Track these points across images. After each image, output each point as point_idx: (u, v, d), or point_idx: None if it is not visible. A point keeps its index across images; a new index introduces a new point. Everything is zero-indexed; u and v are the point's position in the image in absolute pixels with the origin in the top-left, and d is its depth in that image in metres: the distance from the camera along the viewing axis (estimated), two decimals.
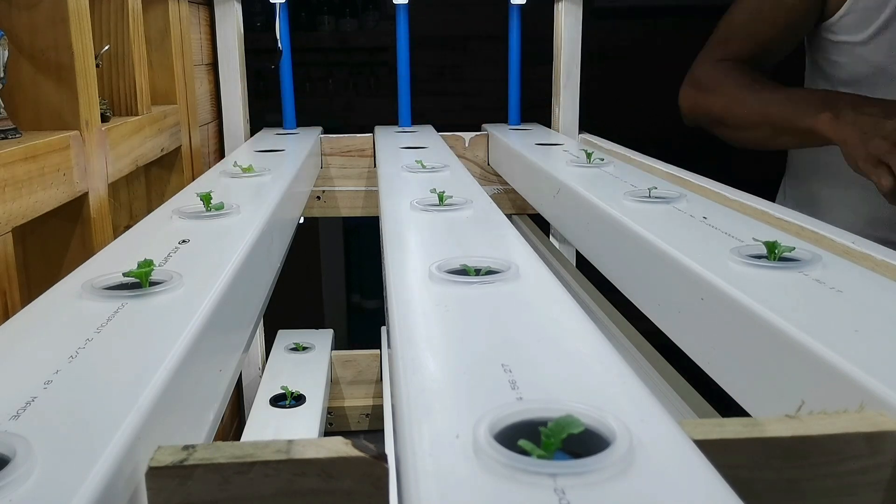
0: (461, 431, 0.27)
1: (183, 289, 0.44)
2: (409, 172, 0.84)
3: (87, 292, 0.43)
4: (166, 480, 0.26)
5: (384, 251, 0.55)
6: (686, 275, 0.49)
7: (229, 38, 1.18)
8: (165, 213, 0.62)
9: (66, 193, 0.65)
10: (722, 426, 0.30)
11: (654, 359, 0.74)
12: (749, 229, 0.57)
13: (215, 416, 0.41)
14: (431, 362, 0.34)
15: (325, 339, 1.31)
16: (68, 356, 0.35)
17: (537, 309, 0.41)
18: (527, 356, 0.35)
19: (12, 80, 0.65)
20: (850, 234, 0.55)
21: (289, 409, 1.08)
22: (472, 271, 0.46)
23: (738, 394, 0.43)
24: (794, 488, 0.29)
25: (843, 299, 0.43)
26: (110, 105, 0.84)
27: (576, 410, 0.28)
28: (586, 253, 0.71)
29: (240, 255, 0.51)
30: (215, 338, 0.42)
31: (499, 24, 1.49)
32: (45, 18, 0.65)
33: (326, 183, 1.22)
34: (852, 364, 0.34)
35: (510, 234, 0.57)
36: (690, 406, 0.65)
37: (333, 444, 0.27)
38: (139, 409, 0.30)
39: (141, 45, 0.88)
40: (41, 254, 0.68)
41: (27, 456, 0.26)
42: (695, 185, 0.76)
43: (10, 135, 0.62)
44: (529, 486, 0.24)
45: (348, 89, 2.85)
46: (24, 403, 0.30)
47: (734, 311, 0.43)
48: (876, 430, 0.29)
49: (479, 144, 1.26)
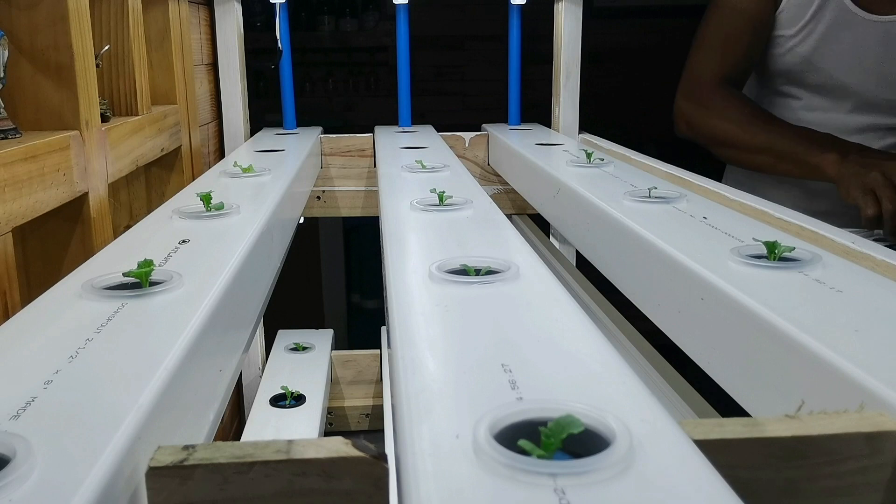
0: (461, 431, 0.27)
1: (183, 289, 0.44)
2: (409, 172, 0.84)
3: (87, 292, 0.43)
4: (166, 480, 0.26)
5: (384, 251, 0.55)
6: (686, 275, 0.49)
7: (229, 38, 1.18)
8: (165, 213, 0.62)
9: (66, 193, 0.65)
10: (722, 426, 0.30)
11: (654, 359, 0.74)
12: (749, 229, 0.57)
13: (215, 416, 0.41)
14: (431, 362, 0.34)
15: (325, 339, 1.31)
16: (68, 356, 0.35)
17: (537, 309, 0.41)
18: (527, 356, 0.35)
19: (12, 80, 0.65)
20: (850, 234, 0.55)
21: (289, 409, 1.08)
22: (472, 271, 0.46)
23: (738, 394, 0.43)
24: (793, 488, 0.30)
25: (843, 299, 0.43)
26: (110, 105, 0.84)
27: (576, 410, 0.28)
28: (586, 253, 0.71)
29: (240, 255, 0.51)
30: (215, 338, 0.42)
31: (499, 24, 1.49)
32: (45, 18, 0.65)
33: (326, 183, 1.22)
34: (852, 364, 0.34)
35: (510, 234, 0.57)
36: (690, 406, 0.65)
37: (333, 444, 0.27)
38: (139, 409, 0.30)
39: (141, 45, 0.88)
40: (41, 254, 0.68)
41: (27, 456, 0.26)
42: (695, 185, 0.76)
43: (10, 135, 0.62)
44: (529, 486, 0.24)
45: (348, 89, 2.85)
46: (24, 403, 0.30)
47: (734, 311, 0.43)
48: (876, 430, 0.29)
49: (479, 144, 1.26)
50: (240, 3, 1.21)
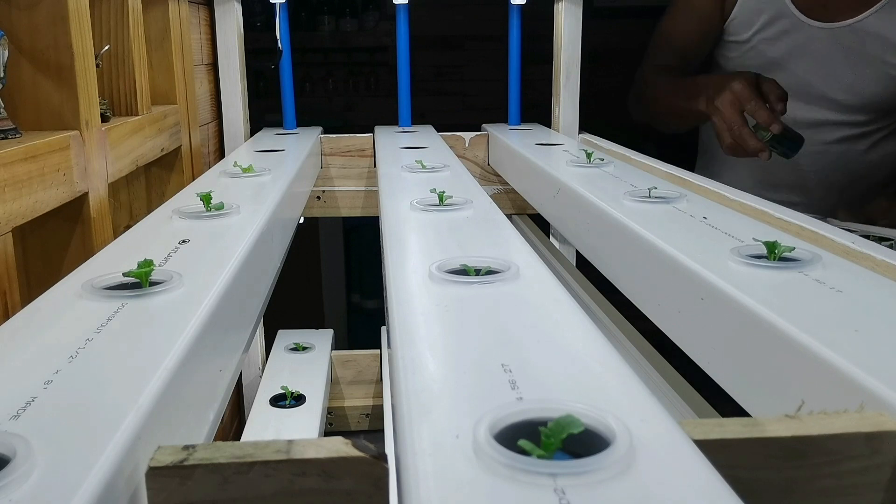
0: (461, 431, 0.27)
1: (183, 289, 0.44)
2: (409, 172, 0.84)
3: (87, 292, 0.43)
4: (166, 480, 0.26)
5: (384, 251, 0.55)
6: (686, 275, 0.49)
7: (229, 38, 1.18)
8: (165, 213, 0.62)
9: (66, 193, 0.65)
10: (722, 426, 0.30)
11: (654, 359, 0.74)
12: (749, 229, 0.57)
13: (215, 416, 0.41)
14: (431, 362, 0.34)
15: (325, 339, 1.31)
16: (68, 356, 0.35)
17: (537, 309, 0.41)
18: (527, 356, 0.35)
19: (12, 80, 0.65)
20: (850, 234, 0.55)
21: (289, 409, 1.08)
22: (472, 271, 0.46)
23: (738, 394, 0.43)
24: (793, 488, 0.30)
25: (843, 299, 0.43)
26: (110, 105, 0.84)
27: (576, 410, 0.28)
28: (586, 253, 0.71)
29: (240, 255, 0.51)
30: (215, 338, 0.42)
31: (499, 24, 1.49)
32: (45, 18, 0.65)
33: (326, 183, 1.22)
34: (852, 364, 0.34)
35: (510, 234, 0.57)
36: (690, 406, 0.65)
37: (333, 444, 0.27)
38: (139, 409, 0.30)
39: (141, 45, 0.88)
40: (41, 254, 0.68)
41: (27, 456, 0.26)
42: (695, 185, 0.76)
43: (10, 135, 0.62)
44: (529, 486, 0.24)
45: (348, 89, 2.85)
46: (24, 403, 0.30)
47: (734, 311, 0.43)
48: (876, 430, 0.29)
49: (479, 144, 1.26)
50: (240, 3, 1.21)
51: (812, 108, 1.15)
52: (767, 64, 1.15)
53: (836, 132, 1.16)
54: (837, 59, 1.11)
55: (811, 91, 1.14)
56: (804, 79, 1.14)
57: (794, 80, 1.12)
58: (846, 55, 1.11)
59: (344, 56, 2.82)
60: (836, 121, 1.15)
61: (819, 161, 1.16)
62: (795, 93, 1.11)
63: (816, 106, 1.15)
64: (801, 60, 1.13)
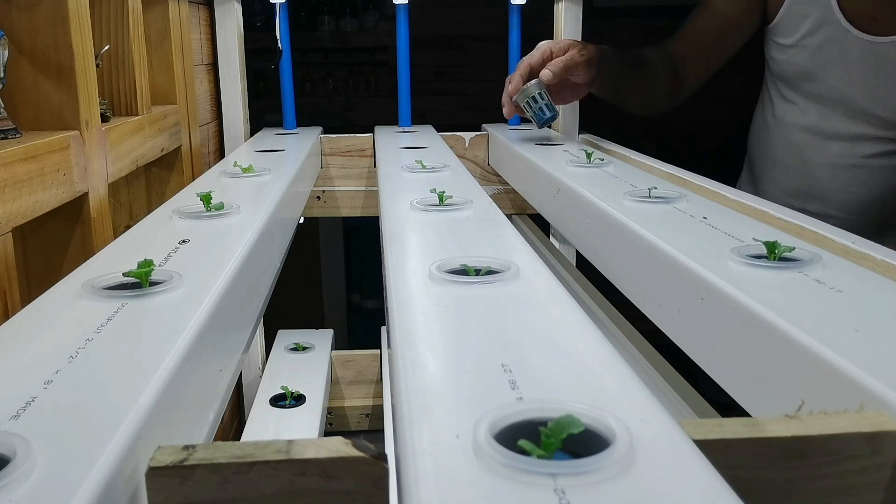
0: (461, 431, 0.27)
1: (183, 289, 0.44)
2: (409, 172, 0.84)
3: (87, 292, 0.43)
4: (166, 480, 0.26)
5: (384, 251, 0.55)
6: (686, 275, 0.49)
7: (229, 38, 1.18)
8: (165, 213, 0.62)
9: (66, 193, 0.65)
10: (722, 426, 0.30)
11: (654, 359, 0.74)
12: (749, 229, 0.57)
13: (215, 416, 0.41)
14: (431, 362, 0.34)
15: (325, 339, 1.31)
16: (68, 356, 0.35)
17: (537, 309, 0.41)
18: (527, 356, 0.35)
19: (12, 80, 0.65)
20: (850, 234, 0.55)
21: (289, 409, 1.08)
22: (472, 271, 0.46)
23: (738, 394, 0.43)
24: (793, 488, 0.30)
25: (843, 299, 0.43)
26: (110, 105, 0.84)
27: (576, 410, 0.28)
28: (586, 253, 0.71)
29: (240, 255, 0.51)
30: (215, 338, 0.42)
31: (499, 24, 1.49)
32: (45, 18, 0.65)
33: (326, 183, 1.22)
34: (852, 364, 0.34)
35: (510, 234, 0.57)
36: (690, 406, 0.65)
37: (333, 444, 0.27)
38: (139, 409, 0.30)
39: (141, 45, 0.88)
40: (41, 254, 0.68)
41: (27, 456, 0.26)
42: (695, 185, 0.76)
43: (10, 135, 0.62)
44: (529, 486, 0.24)
45: (348, 89, 2.85)
46: (24, 403, 0.30)
47: (734, 311, 0.43)
48: (876, 430, 0.29)
49: (479, 144, 1.26)
50: (240, 3, 1.21)
51: (852, 122, 1.12)
52: (808, 71, 1.12)
53: (876, 146, 1.13)
54: (880, 73, 1.09)
55: (851, 104, 1.11)
56: (844, 91, 1.11)
57: (833, 91, 1.11)
58: (889, 71, 1.08)
59: (344, 56, 2.82)
60: (875, 136, 1.12)
61: (859, 175, 1.13)
62: (835, 104, 1.10)
63: (856, 119, 1.12)
64: (843, 71, 1.10)
